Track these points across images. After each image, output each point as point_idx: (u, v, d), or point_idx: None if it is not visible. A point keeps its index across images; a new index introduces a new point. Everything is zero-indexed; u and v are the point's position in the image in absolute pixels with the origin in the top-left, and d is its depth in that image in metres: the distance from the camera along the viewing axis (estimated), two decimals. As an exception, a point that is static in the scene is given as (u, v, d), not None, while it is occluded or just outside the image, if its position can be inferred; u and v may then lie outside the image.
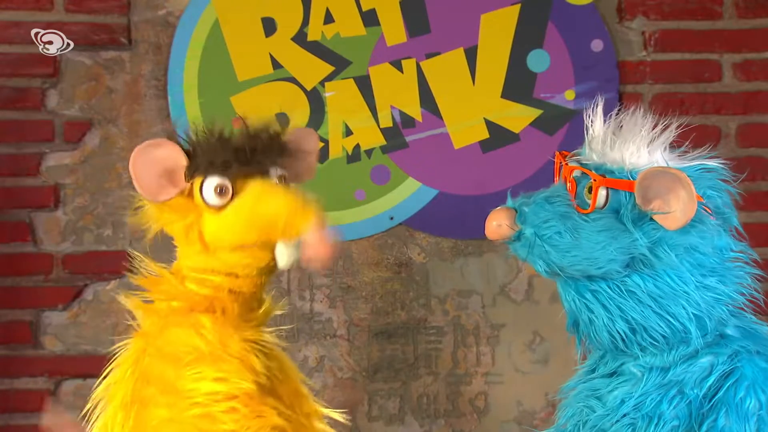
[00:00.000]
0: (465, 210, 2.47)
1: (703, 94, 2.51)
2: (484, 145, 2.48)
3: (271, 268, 1.51)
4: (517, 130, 2.48)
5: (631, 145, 1.32)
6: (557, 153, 1.41)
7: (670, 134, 1.34)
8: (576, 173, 1.34)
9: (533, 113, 2.47)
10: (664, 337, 1.31)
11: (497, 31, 2.48)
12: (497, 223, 1.37)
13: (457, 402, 2.48)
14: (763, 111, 2.51)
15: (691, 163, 1.34)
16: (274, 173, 1.49)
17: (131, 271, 1.55)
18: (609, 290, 1.32)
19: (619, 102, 2.48)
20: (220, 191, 1.44)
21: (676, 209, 1.25)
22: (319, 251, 1.41)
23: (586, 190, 1.32)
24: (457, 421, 2.48)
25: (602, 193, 1.30)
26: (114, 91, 2.46)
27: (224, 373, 1.44)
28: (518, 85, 2.48)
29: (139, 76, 2.46)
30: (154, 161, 1.45)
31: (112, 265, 2.43)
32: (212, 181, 1.45)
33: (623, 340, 1.33)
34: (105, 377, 1.54)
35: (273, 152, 1.49)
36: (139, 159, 1.46)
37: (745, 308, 1.38)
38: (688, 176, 1.26)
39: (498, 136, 2.48)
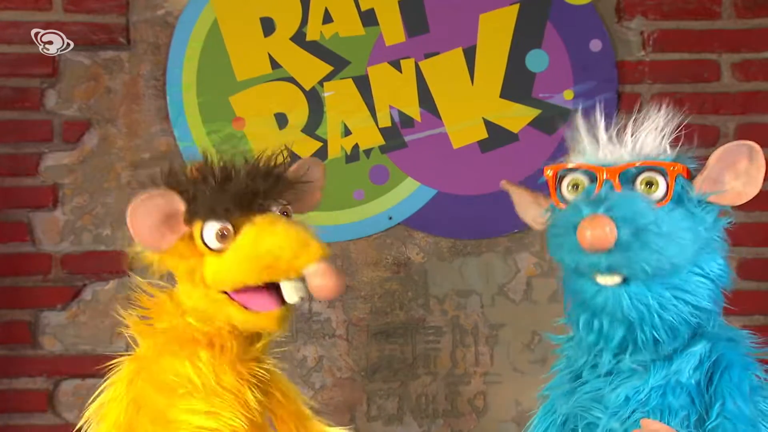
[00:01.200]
0: (464, 210, 2.47)
1: (701, 94, 2.51)
2: (483, 145, 2.48)
3: (267, 331, 1.49)
4: (515, 130, 2.48)
5: (658, 136, 1.33)
6: (547, 168, 1.37)
7: (676, 128, 1.35)
8: (629, 170, 1.29)
9: (532, 113, 2.47)
10: (690, 325, 1.31)
11: (496, 31, 2.48)
12: (608, 228, 1.19)
13: (456, 402, 2.48)
14: (761, 111, 2.50)
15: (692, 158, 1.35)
16: (275, 209, 1.47)
17: (131, 284, 1.54)
18: (686, 282, 1.29)
19: (618, 102, 2.48)
20: (222, 235, 1.42)
21: (747, 183, 1.28)
22: (327, 284, 1.37)
23: (642, 185, 1.29)
24: (456, 421, 2.48)
25: (664, 184, 1.28)
26: (113, 91, 2.46)
27: (216, 408, 1.43)
28: (517, 85, 2.48)
29: (138, 76, 2.46)
30: (152, 212, 1.41)
31: (111, 265, 2.43)
32: (213, 226, 1.42)
33: (671, 330, 1.29)
34: (98, 396, 1.53)
35: (275, 192, 1.46)
36: (137, 213, 1.41)
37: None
38: (693, 168, 1.29)
39: (497, 136, 2.48)
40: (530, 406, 2.46)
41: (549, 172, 1.37)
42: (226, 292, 1.45)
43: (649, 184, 1.28)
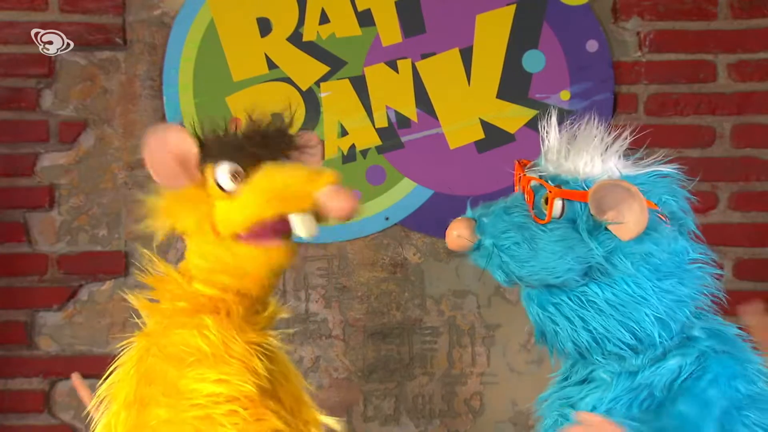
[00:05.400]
0: (460, 210, 2.43)
1: (697, 95, 2.51)
2: (480, 146, 2.48)
3: (278, 269, 1.51)
4: (512, 131, 2.48)
5: (585, 155, 1.34)
6: (516, 162, 1.43)
7: (624, 142, 1.36)
8: (533, 184, 1.35)
9: (528, 113, 2.47)
10: (628, 344, 1.33)
11: (492, 31, 2.48)
12: (457, 234, 1.38)
13: (453, 402, 2.48)
14: (757, 111, 2.51)
15: (646, 170, 1.35)
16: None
17: (138, 269, 1.55)
18: (570, 302, 1.33)
19: (614, 102, 2.49)
20: (235, 175, 1.44)
21: (629, 220, 1.27)
22: (341, 204, 1.40)
23: (543, 200, 1.33)
24: (453, 422, 2.48)
25: (558, 203, 1.32)
26: (109, 92, 2.46)
27: (225, 375, 1.44)
28: (513, 85, 2.48)
29: (134, 76, 2.46)
30: (168, 145, 1.44)
31: (107, 266, 2.43)
32: (225, 167, 1.44)
33: (588, 349, 1.34)
34: (109, 375, 1.54)
35: (282, 142, 1.50)
36: (150, 144, 1.44)
37: (710, 309, 1.39)
38: (643, 183, 1.30)
39: (493, 137, 2.48)
40: (526, 406, 2.48)
41: (516, 170, 1.43)
42: (236, 236, 1.46)
43: (546, 200, 1.33)
